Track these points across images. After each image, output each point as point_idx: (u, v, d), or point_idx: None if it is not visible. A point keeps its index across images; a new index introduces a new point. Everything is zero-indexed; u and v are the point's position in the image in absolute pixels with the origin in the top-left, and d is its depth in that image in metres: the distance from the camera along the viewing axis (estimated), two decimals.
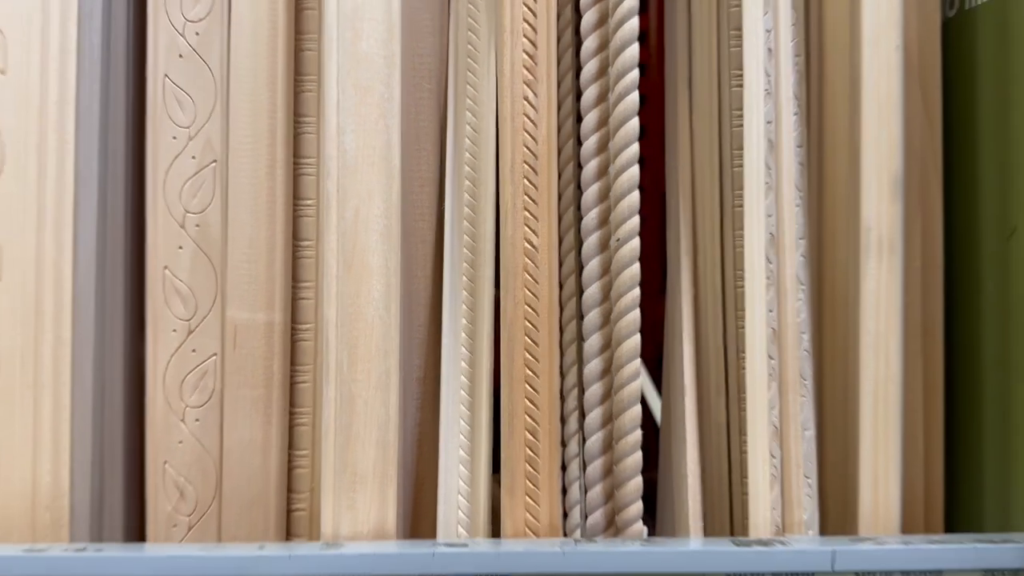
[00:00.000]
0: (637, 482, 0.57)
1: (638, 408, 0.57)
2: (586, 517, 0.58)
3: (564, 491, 0.60)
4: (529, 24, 0.58)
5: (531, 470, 0.56)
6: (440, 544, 0.51)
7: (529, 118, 0.58)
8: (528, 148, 0.58)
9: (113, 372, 0.65)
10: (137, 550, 0.53)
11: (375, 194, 0.57)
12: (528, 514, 0.56)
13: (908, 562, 0.51)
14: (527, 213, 0.58)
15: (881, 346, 0.58)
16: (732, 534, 0.60)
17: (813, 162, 0.65)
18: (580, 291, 0.62)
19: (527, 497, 0.56)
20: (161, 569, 0.50)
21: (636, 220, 0.60)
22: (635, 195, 0.60)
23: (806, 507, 0.59)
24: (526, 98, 0.58)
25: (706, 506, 0.62)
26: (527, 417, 0.57)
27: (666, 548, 0.51)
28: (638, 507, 0.56)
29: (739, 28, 0.62)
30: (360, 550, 0.51)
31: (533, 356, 0.57)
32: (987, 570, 0.52)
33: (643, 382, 0.71)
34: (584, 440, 0.60)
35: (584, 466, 0.60)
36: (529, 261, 0.58)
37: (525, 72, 0.58)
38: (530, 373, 0.57)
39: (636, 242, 0.60)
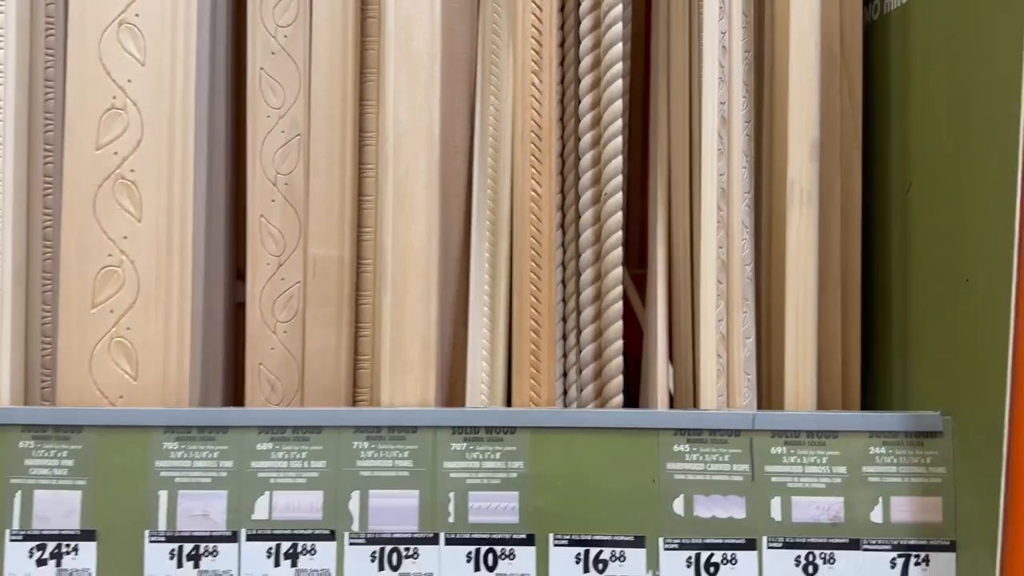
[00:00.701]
0: (618, 362, 0.75)
1: (619, 305, 0.76)
2: (581, 391, 0.77)
3: (565, 374, 0.79)
4: (536, 28, 0.77)
5: (535, 359, 0.75)
6: (468, 408, 0.70)
7: (535, 98, 0.76)
8: (534, 120, 0.77)
9: (216, 294, 0.84)
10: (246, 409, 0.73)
11: (420, 155, 0.76)
12: (532, 392, 0.75)
13: (810, 424, 0.69)
14: (533, 169, 0.76)
15: (800, 273, 0.76)
16: None
17: (766, 135, 0.82)
18: (578, 235, 0.81)
19: (531, 380, 0.75)
20: (264, 419, 0.69)
21: (620, 179, 0.78)
22: (619, 159, 0.78)
23: (746, 396, 0.77)
24: (533, 83, 0.76)
25: (675, 397, 0.80)
26: (532, 321, 0.75)
27: (629, 411, 0.69)
28: (618, 382, 0.75)
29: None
30: (409, 409, 0.70)
31: (536, 276, 0.76)
32: (871, 432, 0.69)
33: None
34: (580, 332, 0.78)
35: (579, 352, 0.78)
36: (534, 205, 0.77)
37: (532, 64, 0.77)
38: (534, 288, 0.76)
39: (619, 196, 0.78)
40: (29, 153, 0.80)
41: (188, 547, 0.68)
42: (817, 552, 0.68)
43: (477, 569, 0.67)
